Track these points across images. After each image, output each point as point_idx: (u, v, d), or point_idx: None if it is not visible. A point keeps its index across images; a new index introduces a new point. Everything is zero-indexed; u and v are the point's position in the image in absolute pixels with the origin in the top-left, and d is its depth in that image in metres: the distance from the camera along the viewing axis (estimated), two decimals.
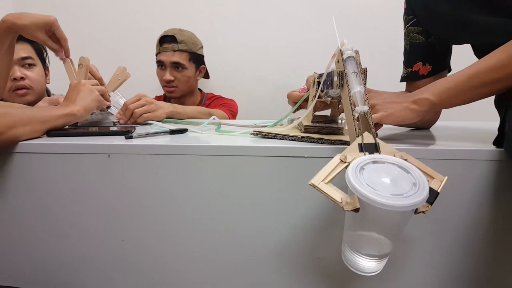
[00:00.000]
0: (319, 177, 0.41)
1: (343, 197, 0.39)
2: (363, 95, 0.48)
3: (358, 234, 0.45)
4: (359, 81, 0.49)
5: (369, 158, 0.41)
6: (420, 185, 0.38)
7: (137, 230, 0.60)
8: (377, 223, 0.42)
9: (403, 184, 0.38)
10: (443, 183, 0.42)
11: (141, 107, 0.88)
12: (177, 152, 0.58)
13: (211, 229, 0.60)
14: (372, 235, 0.43)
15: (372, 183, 0.38)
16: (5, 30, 0.79)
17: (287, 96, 0.76)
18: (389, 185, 0.38)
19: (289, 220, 0.58)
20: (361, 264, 0.44)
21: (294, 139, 0.61)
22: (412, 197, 0.37)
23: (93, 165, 0.59)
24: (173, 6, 1.65)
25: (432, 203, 0.39)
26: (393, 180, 0.39)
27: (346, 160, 0.42)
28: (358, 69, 0.50)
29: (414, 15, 0.78)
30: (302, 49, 1.62)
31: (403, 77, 0.85)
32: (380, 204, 0.36)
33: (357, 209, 0.38)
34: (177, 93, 1.45)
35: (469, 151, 0.54)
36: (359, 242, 0.44)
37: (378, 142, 0.44)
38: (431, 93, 0.58)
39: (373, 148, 0.44)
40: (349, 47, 0.51)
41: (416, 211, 0.39)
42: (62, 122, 0.70)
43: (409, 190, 0.38)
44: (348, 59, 0.51)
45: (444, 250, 0.57)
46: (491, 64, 0.55)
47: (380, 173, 0.40)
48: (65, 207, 0.61)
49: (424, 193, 0.37)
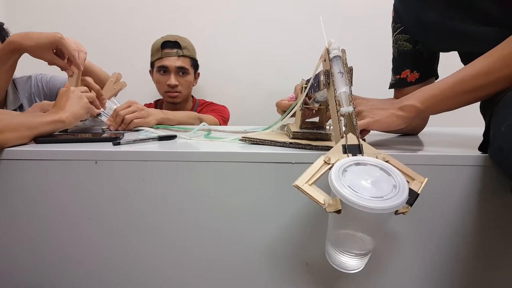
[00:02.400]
0: (303, 178, 0.42)
1: (325, 199, 0.40)
2: (349, 95, 0.49)
3: (340, 233, 0.45)
4: (345, 82, 0.50)
5: (351, 160, 0.42)
6: (400, 188, 0.39)
7: (126, 236, 0.60)
8: (358, 223, 0.43)
9: (383, 186, 0.39)
10: (423, 184, 0.43)
11: (132, 113, 0.88)
12: (165, 159, 0.58)
13: (200, 234, 0.59)
14: (354, 234, 0.44)
15: (353, 185, 0.39)
16: (12, 51, 0.82)
17: (276, 105, 0.77)
18: (370, 188, 0.39)
19: (277, 225, 0.58)
20: (343, 261, 0.45)
21: (282, 145, 0.61)
22: (392, 199, 0.38)
23: (80, 172, 0.58)
24: (164, 12, 1.65)
25: (412, 204, 0.40)
26: (374, 182, 0.40)
27: (330, 162, 0.43)
28: (344, 69, 0.50)
29: (402, 23, 0.79)
30: (295, 55, 1.63)
31: (392, 84, 0.86)
32: (360, 207, 0.37)
33: (339, 210, 0.39)
34: (180, 98, 1.45)
35: (455, 156, 0.55)
36: (342, 241, 0.45)
37: (361, 143, 0.45)
38: (417, 100, 0.58)
39: (356, 150, 0.45)
40: (336, 46, 0.52)
41: (396, 212, 0.40)
42: (50, 129, 0.69)
43: (390, 192, 0.39)
44: (334, 58, 0.51)
45: (429, 254, 0.58)
46: (475, 71, 0.56)
47: (362, 176, 0.41)
48: (52, 215, 0.60)
49: (403, 196, 0.38)
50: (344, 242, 0.45)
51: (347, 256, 0.45)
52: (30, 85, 1.25)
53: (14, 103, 1.20)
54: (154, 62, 1.42)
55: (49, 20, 1.59)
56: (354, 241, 0.44)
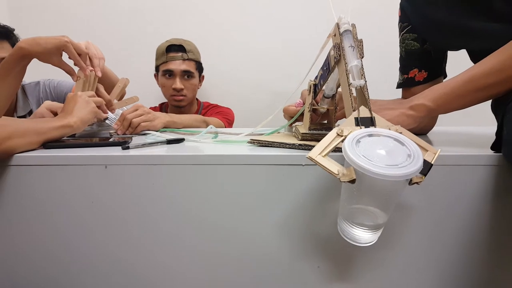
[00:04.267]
0: (316, 150, 0.42)
1: (339, 169, 0.40)
2: (360, 69, 0.49)
3: (353, 208, 0.46)
4: (356, 55, 0.50)
5: (365, 132, 0.43)
6: (414, 156, 0.39)
7: (138, 240, 0.60)
8: (372, 194, 0.43)
9: (398, 156, 0.40)
10: (436, 155, 0.43)
11: (139, 116, 0.88)
12: (175, 162, 0.58)
13: (211, 239, 0.59)
14: (366, 208, 0.45)
15: (368, 155, 0.39)
16: (21, 58, 0.82)
17: (283, 110, 0.76)
18: (385, 156, 0.39)
19: (288, 228, 0.58)
20: (356, 235, 0.45)
21: (291, 147, 0.61)
22: (407, 167, 0.38)
23: (90, 176, 0.58)
24: (168, 14, 1.66)
25: (426, 174, 0.40)
26: (388, 151, 0.40)
27: (342, 134, 0.43)
28: (355, 43, 0.51)
29: (409, 22, 0.79)
30: (298, 56, 1.63)
31: (399, 84, 0.86)
32: (376, 174, 0.37)
33: (353, 180, 0.39)
34: (185, 101, 1.45)
35: (469, 156, 0.54)
36: (355, 214, 0.45)
37: (373, 116, 0.46)
38: (428, 99, 0.58)
39: (369, 122, 0.45)
40: (346, 20, 0.52)
41: (411, 182, 0.40)
42: (59, 134, 0.69)
43: (404, 161, 0.39)
44: (345, 32, 0.51)
45: (441, 254, 0.57)
46: (486, 69, 0.55)
47: (376, 145, 0.41)
48: (63, 220, 0.60)
49: (418, 164, 0.38)
50: (356, 216, 0.45)
51: (360, 230, 0.45)
52: (38, 91, 1.26)
53: (24, 109, 1.21)
54: (159, 66, 1.43)
55: (55, 24, 1.61)
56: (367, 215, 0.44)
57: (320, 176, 0.55)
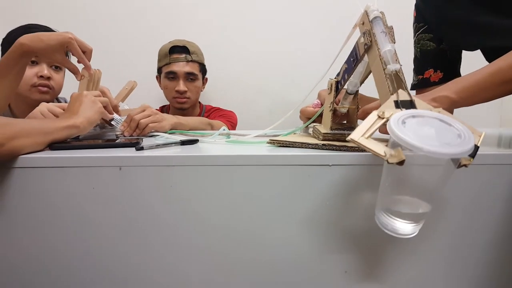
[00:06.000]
0: (358, 132, 0.40)
1: (386, 150, 0.37)
2: (394, 53, 0.48)
3: (396, 197, 0.43)
4: (389, 40, 0.49)
5: (408, 113, 0.40)
6: (465, 136, 0.37)
7: (152, 245, 0.56)
8: (420, 179, 0.41)
9: (447, 135, 0.38)
10: (481, 137, 0.41)
11: (147, 117, 0.85)
12: (193, 163, 0.55)
13: (231, 243, 0.56)
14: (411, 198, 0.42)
15: (417, 135, 0.36)
16: (22, 54, 0.78)
17: (300, 111, 0.74)
18: (434, 136, 0.37)
19: (312, 231, 0.55)
20: (398, 226, 0.43)
21: (314, 147, 0.59)
22: (461, 145, 0.36)
23: (103, 179, 0.55)
24: (170, 17, 1.63)
25: (474, 157, 0.38)
26: (437, 131, 0.38)
27: (384, 116, 0.41)
28: (386, 29, 0.50)
29: (424, 22, 0.78)
30: (301, 60, 1.62)
31: (414, 85, 0.85)
32: (431, 152, 0.34)
33: (403, 161, 0.36)
34: (189, 103, 1.42)
35: (496, 155, 0.53)
36: (397, 204, 0.43)
37: (413, 99, 0.44)
38: (451, 91, 0.56)
39: (409, 105, 0.43)
40: (375, 7, 0.51)
41: (459, 165, 0.38)
42: (65, 135, 0.66)
43: (455, 140, 0.37)
44: (375, 19, 0.51)
45: (473, 255, 0.55)
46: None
47: (423, 126, 0.39)
48: (72, 225, 0.56)
49: (471, 142, 0.36)
50: (399, 205, 0.43)
51: (402, 221, 0.42)
52: None
53: None
54: (162, 68, 1.39)
55: (57, 26, 1.57)
56: (411, 204, 0.42)
57: (347, 177, 0.53)
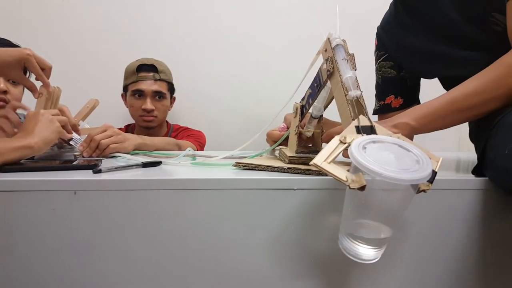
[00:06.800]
0: (321, 157, 0.40)
1: (348, 175, 0.38)
2: (355, 80, 0.49)
3: (358, 222, 0.44)
4: (350, 67, 0.50)
5: (369, 138, 0.41)
6: (423, 162, 0.39)
7: (113, 272, 0.53)
8: (381, 204, 0.42)
9: (407, 161, 0.39)
10: (439, 163, 0.42)
11: (108, 138, 0.82)
12: (154, 187, 0.52)
13: (194, 268, 0.54)
14: (373, 223, 0.43)
15: (377, 160, 0.37)
16: None
17: (267, 135, 0.74)
18: (394, 161, 0.38)
19: (278, 255, 0.54)
20: (360, 251, 0.43)
21: (279, 171, 0.58)
22: (419, 171, 0.37)
23: (56, 204, 0.51)
24: (138, 36, 1.60)
25: (432, 182, 0.39)
26: (397, 157, 0.39)
27: (345, 141, 0.42)
28: (347, 57, 0.52)
29: (385, 50, 0.81)
30: (271, 81, 1.64)
31: (376, 110, 0.87)
32: (390, 178, 0.35)
33: (364, 186, 0.36)
34: (156, 122, 1.40)
35: (456, 180, 0.55)
36: (359, 229, 0.43)
37: (374, 124, 0.45)
38: (411, 118, 0.58)
39: (369, 130, 0.44)
40: (337, 35, 0.53)
41: (418, 190, 0.39)
42: (18, 156, 0.61)
43: (414, 165, 0.38)
44: (336, 46, 0.52)
45: (434, 278, 0.56)
46: (468, 91, 0.57)
47: (382, 151, 0.40)
48: (26, 251, 0.52)
49: (429, 168, 0.37)
50: (361, 230, 0.43)
51: (365, 246, 0.43)
52: None
53: None
54: (128, 86, 1.36)
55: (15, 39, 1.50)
56: (372, 229, 0.42)
57: (311, 200, 0.53)
